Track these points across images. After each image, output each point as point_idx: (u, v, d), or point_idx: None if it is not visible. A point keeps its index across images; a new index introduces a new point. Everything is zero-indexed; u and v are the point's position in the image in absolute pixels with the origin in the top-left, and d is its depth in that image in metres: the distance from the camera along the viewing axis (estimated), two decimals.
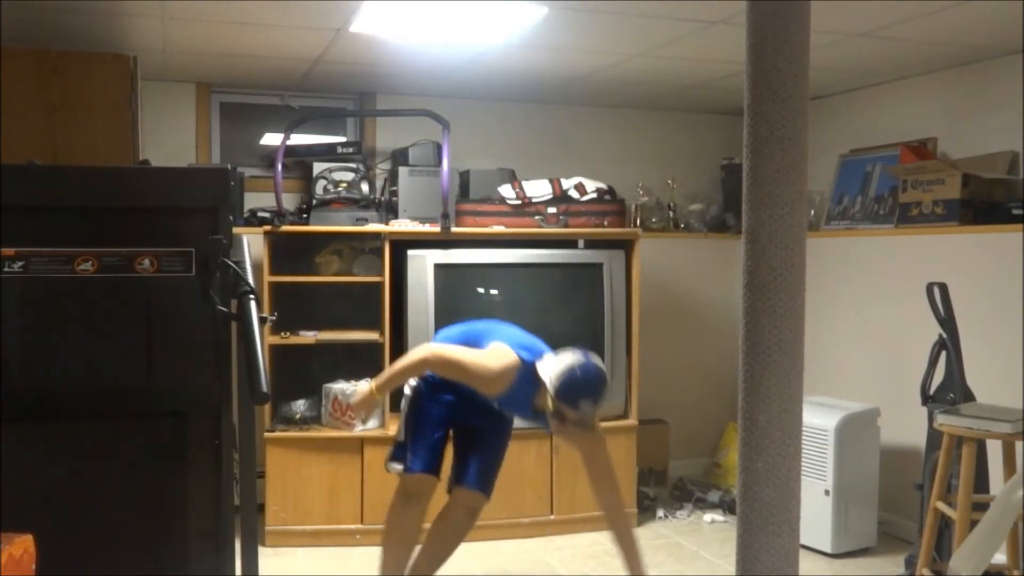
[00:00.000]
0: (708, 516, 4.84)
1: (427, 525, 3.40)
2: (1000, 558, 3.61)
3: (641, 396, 4.77)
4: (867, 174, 4.86)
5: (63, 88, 3.37)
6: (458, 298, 4.58)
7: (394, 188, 4.81)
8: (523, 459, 4.52)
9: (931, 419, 3.63)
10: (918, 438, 3.94)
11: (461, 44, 3.98)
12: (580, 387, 3.02)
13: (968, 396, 3.63)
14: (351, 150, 4.88)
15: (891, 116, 4.75)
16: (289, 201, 4.84)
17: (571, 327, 4.85)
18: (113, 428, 2.18)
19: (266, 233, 4.39)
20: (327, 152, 4.89)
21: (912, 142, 4.51)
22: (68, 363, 2.15)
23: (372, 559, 4.23)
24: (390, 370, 3.34)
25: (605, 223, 4.72)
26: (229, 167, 3.73)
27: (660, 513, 4.86)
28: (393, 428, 4.45)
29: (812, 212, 5.09)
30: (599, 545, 4.31)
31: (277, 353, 4.45)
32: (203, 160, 4.91)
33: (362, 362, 4.60)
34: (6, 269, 2.06)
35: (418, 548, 3.37)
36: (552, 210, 4.66)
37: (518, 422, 4.60)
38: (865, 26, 3.61)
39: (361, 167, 4.84)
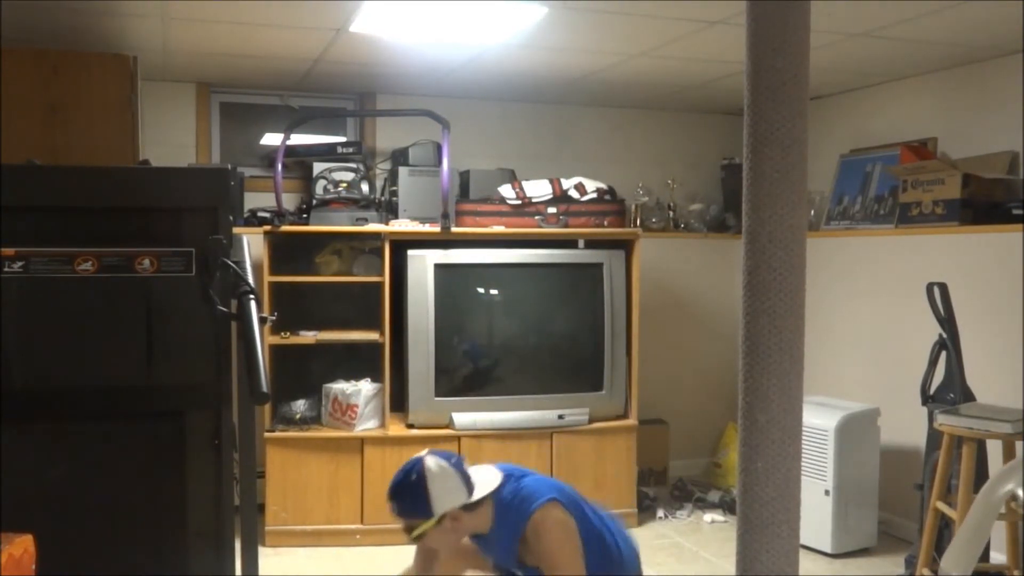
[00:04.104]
0: (708, 516, 4.84)
1: None
2: (1000, 558, 3.61)
3: (641, 396, 4.77)
4: (867, 174, 4.86)
5: (63, 88, 3.36)
6: (458, 298, 4.59)
7: (394, 188, 4.81)
8: (523, 459, 4.51)
9: (931, 419, 3.63)
10: (918, 438, 3.94)
11: (461, 44, 3.98)
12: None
13: (968, 396, 3.63)
14: (351, 150, 4.88)
15: (891, 116, 4.75)
16: (289, 201, 4.84)
17: (571, 327, 4.85)
18: (113, 428, 2.18)
19: (266, 233, 4.39)
20: (327, 152, 4.89)
21: (912, 142, 4.51)
22: (68, 363, 2.15)
23: (372, 559, 4.24)
24: None
25: (605, 223, 4.72)
26: (229, 167, 3.73)
27: (660, 513, 4.86)
28: (393, 428, 4.46)
29: (812, 212, 5.09)
30: None
31: (277, 353, 4.45)
32: (203, 160, 4.91)
33: (362, 362, 4.61)
34: (6, 269, 2.06)
35: None
36: (552, 210, 4.66)
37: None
38: (865, 26, 3.61)
39: (361, 167, 4.84)
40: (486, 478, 2.55)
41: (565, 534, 2.47)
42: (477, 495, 2.47)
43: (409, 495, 2.41)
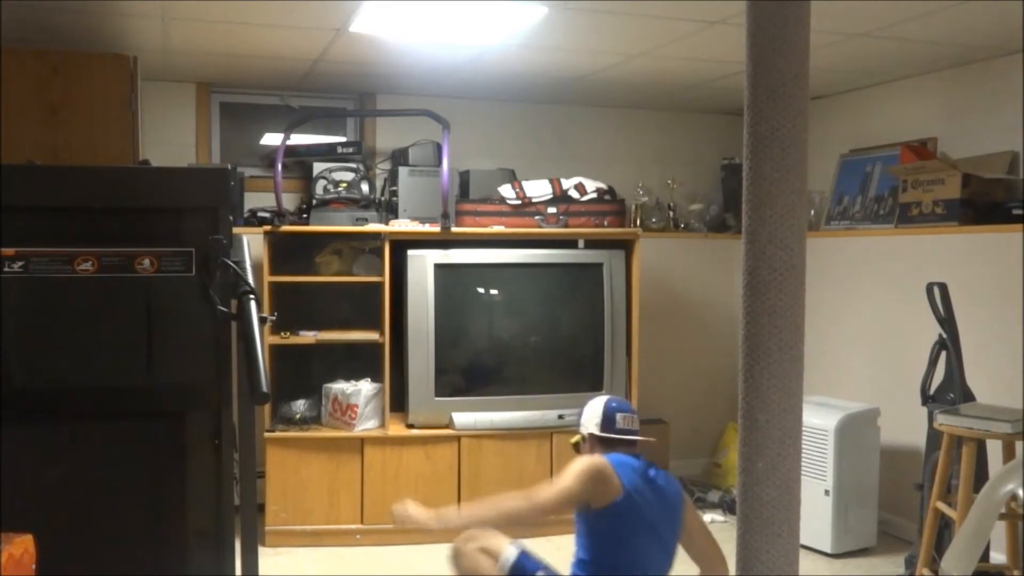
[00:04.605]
0: (708, 516, 4.84)
1: None
2: (1000, 558, 3.61)
3: (641, 396, 4.77)
4: (867, 174, 4.86)
5: (63, 88, 3.36)
6: (458, 298, 4.59)
7: (394, 188, 4.81)
8: (523, 459, 4.52)
9: (931, 419, 3.63)
10: (918, 438, 3.94)
11: (461, 44, 3.98)
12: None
13: (968, 396, 3.63)
14: (351, 150, 4.88)
15: (891, 116, 4.75)
16: (289, 201, 4.84)
17: (571, 327, 4.86)
18: (113, 428, 2.18)
19: (266, 233, 4.39)
20: (327, 152, 4.89)
21: (912, 142, 4.51)
22: (68, 363, 2.15)
23: (372, 559, 4.24)
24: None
25: (605, 223, 4.72)
26: (229, 167, 3.73)
27: None
28: (393, 428, 4.46)
29: (812, 212, 5.09)
30: None
31: (277, 353, 4.45)
32: (203, 160, 4.91)
33: (362, 362, 4.61)
34: (6, 269, 2.06)
35: None
36: (552, 210, 4.66)
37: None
38: (865, 26, 3.61)
39: (361, 167, 4.84)
40: (629, 430, 2.97)
41: (576, 468, 2.75)
42: (607, 433, 2.91)
43: (578, 415, 3.04)
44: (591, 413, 2.96)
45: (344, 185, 4.73)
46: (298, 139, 4.87)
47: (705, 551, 2.87)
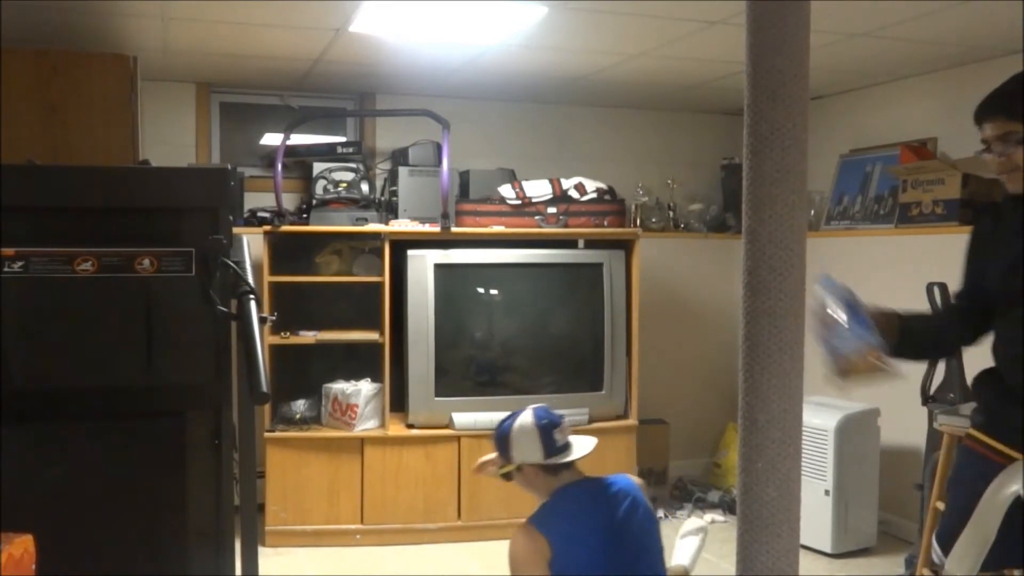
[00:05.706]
0: (708, 516, 4.84)
1: None
2: None
3: (641, 396, 4.77)
4: (867, 174, 4.86)
5: (63, 88, 3.36)
6: (458, 298, 4.59)
7: (394, 188, 4.81)
8: None
9: (931, 419, 3.63)
10: (918, 438, 3.94)
11: (461, 44, 3.98)
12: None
13: (968, 396, 3.63)
14: (351, 150, 4.88)
15: (891, 116, 4.75)
16: (289, 201, 4.84)
17: (571, 327, 4.86)
18: (113, 428, 2.17)
19: (266, 233, 4.39)
20: (327, 152, 4.89)
21: (912, 142, 4.51)
22: (68, 363, 2.15)
23: (372, 559, 4.24)
24: None
25: (605, 223, 4.72)
26: (229, 167, 3.72)
27: (660, 513, 4.85)
28: (393, 428, 4.46)
29: (812, 212, 5.09)
30: None
31: (277, 353, 4.45)
32: (203, 160, 4.91)
33: (362, 362, 4.61)
34: (6, 269, 2.06)
35: None
36: (552, 210, 4.66)
37: None
38: (865, 26, 3.61)
39: (361, 167, 4.84)
40: (577, 448, 2.57)
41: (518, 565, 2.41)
42: (553, 460, 2.50)
43: (499, 440, 2.59)
44: (524, 440, 2.52)
45: (344, 185, 4.73)
46: (298, 139, 4.87)
47: None
